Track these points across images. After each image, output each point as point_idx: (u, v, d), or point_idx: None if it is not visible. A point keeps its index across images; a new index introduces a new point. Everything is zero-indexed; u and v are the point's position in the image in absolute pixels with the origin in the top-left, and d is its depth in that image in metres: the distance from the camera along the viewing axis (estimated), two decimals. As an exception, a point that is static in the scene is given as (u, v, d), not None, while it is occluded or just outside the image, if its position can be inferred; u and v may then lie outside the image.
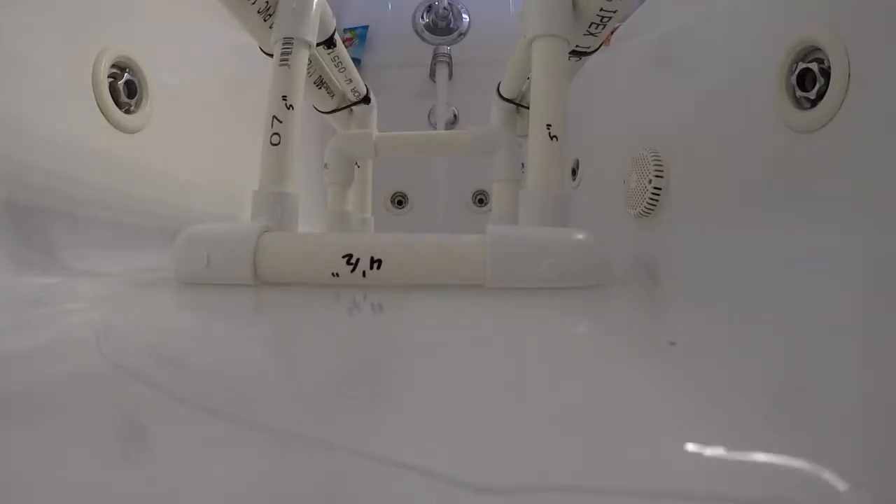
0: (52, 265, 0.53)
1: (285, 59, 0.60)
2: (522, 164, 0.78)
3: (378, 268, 0.47)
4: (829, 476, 0.15)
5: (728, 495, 0.15)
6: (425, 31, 1.57)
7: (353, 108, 1.04)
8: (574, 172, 1.18)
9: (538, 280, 0.46)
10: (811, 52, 0.51)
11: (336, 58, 0.85)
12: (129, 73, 0.67)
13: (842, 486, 0.15)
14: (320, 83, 0.91)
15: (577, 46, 0.65)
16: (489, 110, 0.99)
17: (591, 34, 0.62)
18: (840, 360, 0.27)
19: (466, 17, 1.57)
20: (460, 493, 0.15)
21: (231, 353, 0.32)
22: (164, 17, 0.77)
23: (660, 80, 0.85)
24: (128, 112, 0.67)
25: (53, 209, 0.56)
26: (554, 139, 0.54)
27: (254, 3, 0.62)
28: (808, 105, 0.51)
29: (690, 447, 0.18)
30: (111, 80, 0.64)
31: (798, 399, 0.24)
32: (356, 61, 1.15)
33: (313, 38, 0.64)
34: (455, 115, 1.54)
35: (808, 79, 0.51)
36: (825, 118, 0.48)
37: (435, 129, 1.48)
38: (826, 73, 0.48)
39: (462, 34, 1.57)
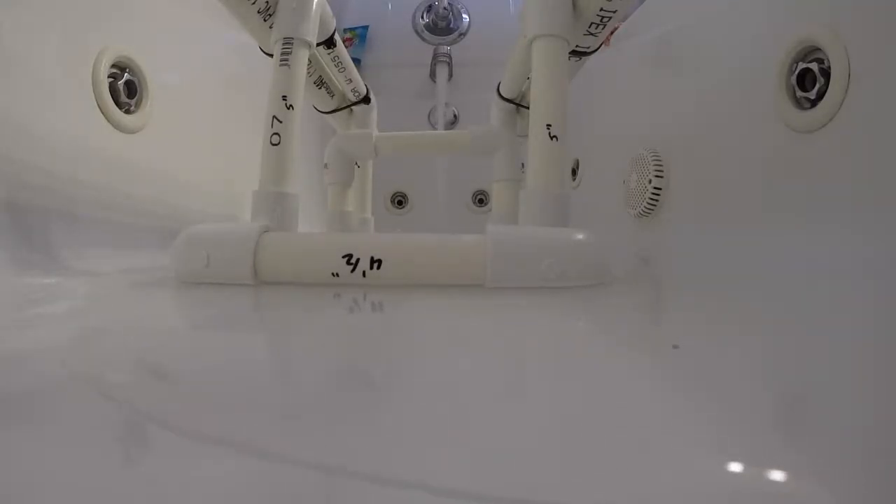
0: (52, 265, 0.53)
1: (285, 59, 0.60)
2: (522, 164, 0.78)
3: (378, 268, 0.47)
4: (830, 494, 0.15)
5: None
6: (425, 31, 1.57)
7: (353, 108, 1.04)
8: (574, 172, 1.18)
9: (538, 280, 0.46)
10: (811, 52, 0.51)
11: (336, 58, 0.85)
12: (129, 73, 0.67)
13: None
14: (320, 83, 0.90)
15: (577, 46, 0.65)
16: (489, 110, 0.99)
17: (591, 34, 0.62)
18: (841, 362, 0.27)
19: (466, 17, 1.57)
20: None
21: (220, 355, 0.31)
22: (164, 17, 0.77)
23: (660, 80, 0.85)
24: (128, 112, 0.67)
25: (53, 209, 0.56)
26: (554, 139, 0.54)
27: (254, 3, 0.62)
28: (808, 105, 0.51)
29: (693, 460, 0.18)
30: (111, 80, 0.64)
31: (800, 405, 0.24)
32: (356, 61, 1.15)
33: (313, 38, 0.64)
34: (455, 115, 1.54)
35: (808, 79, 0.51)
36: (825, 118, 0.48)
37: (435, 129, 1.48)
38: (826, 73, 0.48)
39: (462, 34, 1.57)
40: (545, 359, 0.31)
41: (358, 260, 0.47)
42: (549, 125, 0.54)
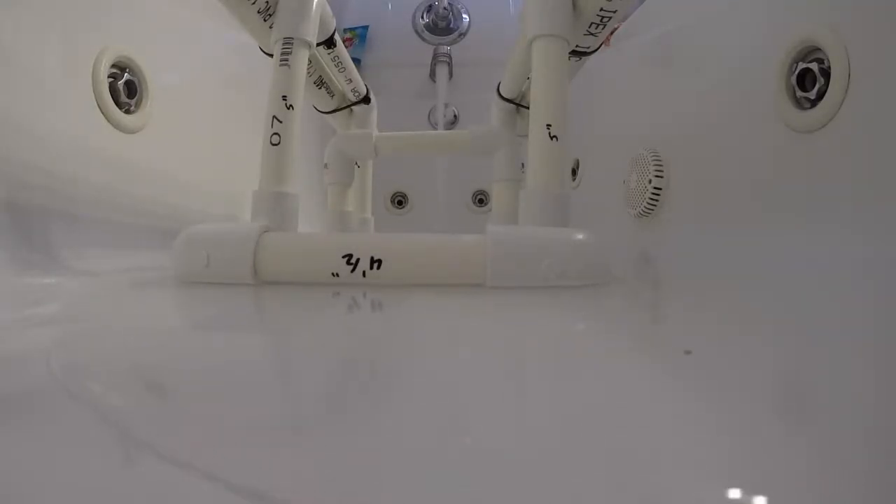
0: (52, 265, 0.53)
1: (285, 59, 0.60)
2: (522, 164, 0.78)
3: (378, 268, 0.47)
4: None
5: None
6: (425, 31, 1.57)
7: (353, 108, 1.04)
8: (574, 172, 1.18)
9: (538, 279, 0.46)
10: (811, 52, 0.51)
11: (336, 58, 0.85)
12: (129, 73, 0.67)
13: None
14: (320, 83, 0.91)
15: (577, 46, 0.65)
16: (489, 110, 0.99)
17: (591, 34, 0.62)
18: (841, 362, 0.27)
19: (466, 17, 1.57)
20: None
21: (219, 356, 0.31)
22: (164, 17, 0.77)
23: (660, 80, 0.85)
24: (128, 112, 0.67)
25: (53, 209, 0.56)
26: (554, 139, 0.54)
27: (254, 3, 0.62)
28: (808, 105, 0.51)
29: (693, 461, 0.18)
30: (111, 80, 0.64)
31: (800, 406, 0.24)
32: (356, 61, 1.15)
33: (313, 38, 0.64)
34: (455, 115, 1.54)
35: (808, 79, 0.51)
36: (825, 118, 0.48)
37: (435, 129, 1.48)
38: (826, 73, 0.48)
39: (462, 34, 1.57)
40: (545, 359, 0.31)
41: (358, 260, 0.47)
42: (549, 125, 0.54)
